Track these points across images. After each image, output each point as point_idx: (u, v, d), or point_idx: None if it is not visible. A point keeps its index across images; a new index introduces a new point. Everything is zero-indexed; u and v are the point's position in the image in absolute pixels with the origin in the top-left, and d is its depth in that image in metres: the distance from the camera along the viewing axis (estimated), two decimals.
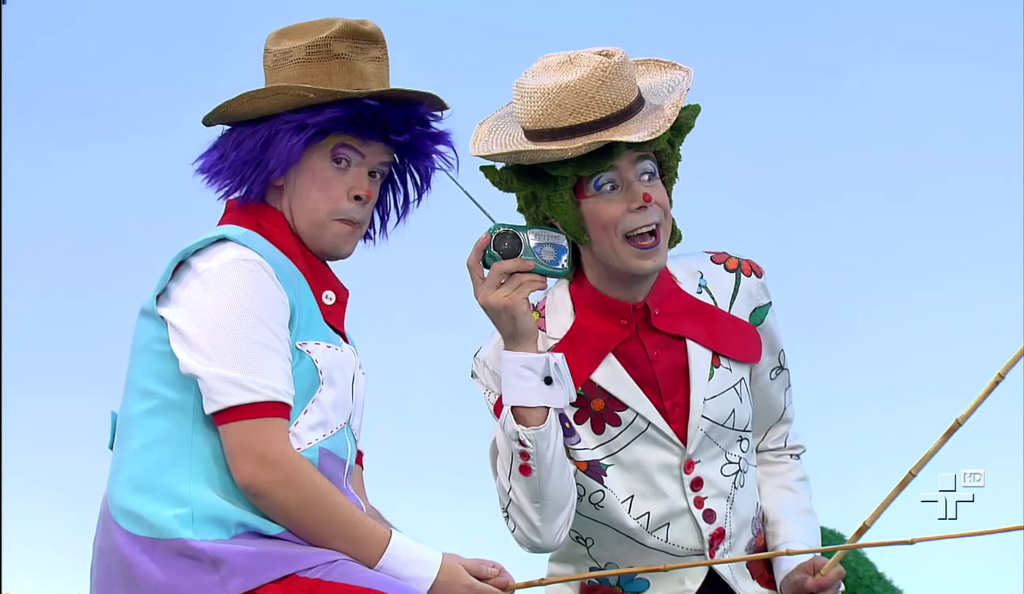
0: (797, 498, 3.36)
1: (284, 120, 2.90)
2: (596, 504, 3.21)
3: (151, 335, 2.84)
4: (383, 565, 2.79)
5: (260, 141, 2.91)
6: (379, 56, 2.98)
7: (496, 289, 3.01)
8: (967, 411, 3.07)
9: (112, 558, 2.80)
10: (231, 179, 2.94)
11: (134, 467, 2.80)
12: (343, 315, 2.99)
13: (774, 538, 3.30)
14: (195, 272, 2.82)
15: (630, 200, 3.10)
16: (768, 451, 3.40)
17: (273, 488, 2.75)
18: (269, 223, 2.93)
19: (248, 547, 2.73)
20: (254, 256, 2.84)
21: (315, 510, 2.76)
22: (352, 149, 2.94)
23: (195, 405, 2.80)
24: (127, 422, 2.84)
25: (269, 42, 3.00)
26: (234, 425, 2.76)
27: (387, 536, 2.81)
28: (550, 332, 3.21)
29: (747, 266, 3.31)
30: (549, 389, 3.04)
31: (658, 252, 3.12)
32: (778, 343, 3.32)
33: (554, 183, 3.10)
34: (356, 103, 2.91)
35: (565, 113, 3.05)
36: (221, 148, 2.96)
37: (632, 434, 3.19)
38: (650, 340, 3.20)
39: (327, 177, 2.93)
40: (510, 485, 3.10)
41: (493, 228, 3.03)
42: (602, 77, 3.06)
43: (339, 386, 2.89)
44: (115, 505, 2.81)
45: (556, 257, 3.04)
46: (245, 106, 2.93)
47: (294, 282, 2.88)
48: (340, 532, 2.78)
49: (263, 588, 2.72)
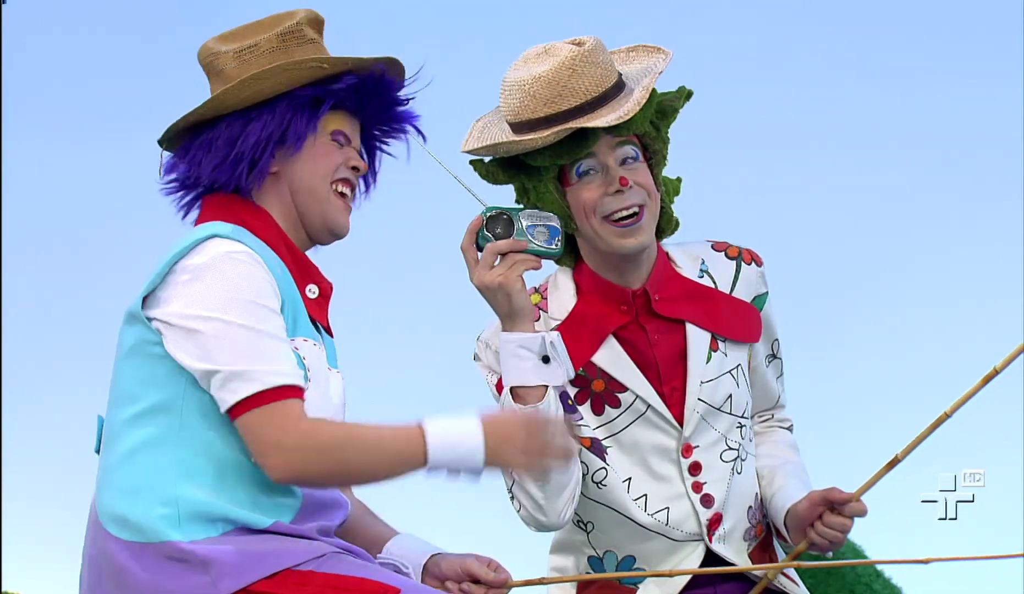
0: (789, 458, 3.38)
1: (295, 95, 2.91)
2: (599, 483, 3.22)
3: (137, 338, 2.80)
4: (433, 458, 2.72)
5: (270, 121, 2.91)
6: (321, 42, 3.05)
7: (490, 269, 3.02)
8: (957, 402, 3.09)
9: (103, 566, 2.77)
10: (233, 170, 2.91)
11: (121, 473, 2.77)
12: (327, 309, 2.97)
13: (770, 487, 3.32)
14: (185, 270, 2.79)
15: (608, 184, 3.14)
16: (758, 423, 3.43)
17: (306, 467, 2.71)
18: (252, 218, 2.91)
19: (237, 546, 2.71)
20: (244, 248, 2.81)
21: (351, 460, 2.71)
22: (345, 136, 2.97)
23: (182, 404, 2.77)
24: (113, 429, 2.81)
25: (213, 46, 2.99)
26: (247, 418, 2.72)
27: (420, 433, 2.74)
28: (552, 313, 3.25)
29: (747, 255, 3.34)
30: (547, 367, 3.05)
31: (640, 230, 3.15)
32: (773, 332, 3.35)
33: (538, 174, 3.16)
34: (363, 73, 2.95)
35: (540, 104, 3.10)
36: (203, 149, 2.94)
37: (631, 416, 3.21)
38: (651, 325, 3.23)
39: (327, 148, 2.95)
40: None
41: (486, 211, 3.05)
42: (572, 66, 3.10)
43: (320, 386, 2.88)
44: (104, 512, 2.78)
45: (549, 237, 3.06)
46: (246, 91, 2.91)
47: (281, 277, 2.87)
48: (379, 461, 2.73)
49: (256, 584, 2.69)
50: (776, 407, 3.43)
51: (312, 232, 2.96)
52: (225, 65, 2.97)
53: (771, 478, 3.34)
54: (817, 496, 3.21)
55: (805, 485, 3.30)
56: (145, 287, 2.81)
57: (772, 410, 3.43)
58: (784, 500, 3.28)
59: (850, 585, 8.73)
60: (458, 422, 2.76)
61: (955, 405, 3.09)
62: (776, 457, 3.38)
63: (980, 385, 3.07)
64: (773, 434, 3.43)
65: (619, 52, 3.28)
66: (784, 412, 3.45)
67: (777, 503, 3.29)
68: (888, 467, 3.14)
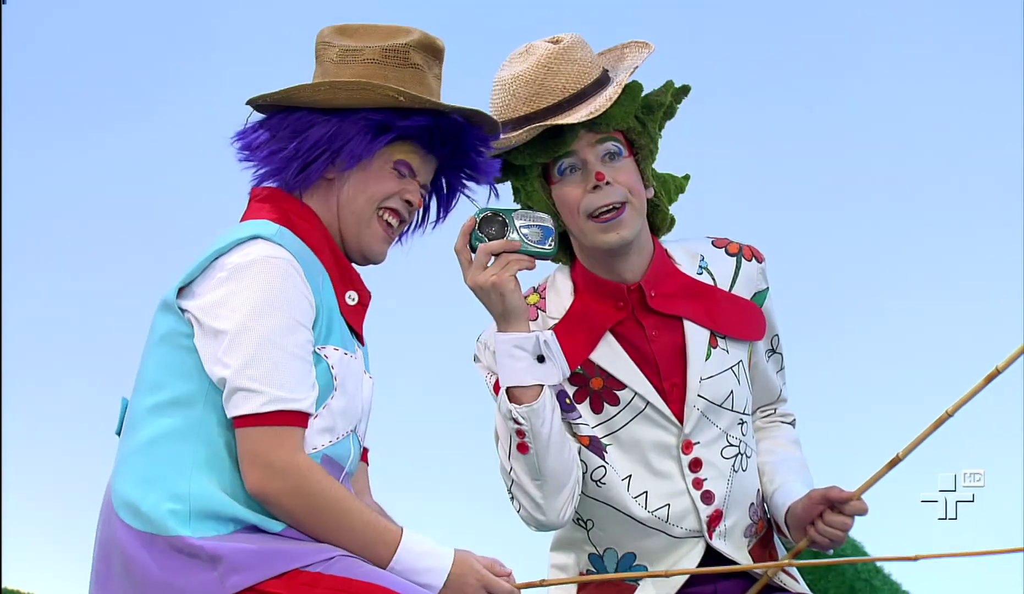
0: (791, 453, 3.38)
1: (365, 116, 2.91)
2: (598, 481, 3.22)
3: (169, 328, 2.82)
4: (396, 563, 2.79)
5: (333, 131, 2.91)
6: (439, 74, 3.02)
7: (483, 270, 3.03)
8: (959, 401, 3.09)
9: (113, 551, 2.78)
10: (285, 164, 2.92)
11: (139, 461, 2.79)
12: (363, 317, 2.98)
13: (771, 483, 3.33)
14: (223, 268, 2.80)
15: (586, 180, 3.14)
16: (760, 418, 3.43)
17: (280, 497, 2.74)
18: (300, 218, 2.92)
19: (247, 544, 2.72)
20: (284, 254, 2.82)
21: (324, 517, 2.76)
22: (410, 168, 2.96)
23: (205, 399, 2.79)
24: (135, 415, 2.83)
25: (329, 36, 2.99)
26: (247, 431, 2.75)
27: (398, 535, 2.81)
28: (550, 312, 3.26)
29: (748, 251, 3.34)
30: (542, 367, 3.07)
31: (620, 224, 3.16)
32: (774, 328, 3.36)
33: (524, 173, 3.18)
34: (440, 115, 2.94)
35: (520, 103, 3.14)
36: (272, 130, 2.94)
37: (630, 414, 3.22)
38: (648, 321, 3.23)
39: (384, 176, 2.95)
40: (511, 465, 3.14)
41: (479, 212, 3.07)
42: (548, 64, 3.13)
43: (350, 393, 2.89)
44: (118, 497, 2.79)
45: (543, 238, 3.07)
46: (322, 94, 2.91)
47: (320, 283, 2.87)
48: (351, 537, 2.78)
49: (264, 583, 2.71)
50: (778, 401, 3.44)
51: (347, 249, 2.97)
52: (328, 58, 2.97)
53: (772, 475, 3.34)
54: (818, 495, 3.21)
55: (806, 482, 3.30)
56: (183, 278, 2.83)
57: (774, 405, 3.44)
58: (785, 498, 3.27)
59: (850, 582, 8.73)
60: (435, 545, 2.82)
61: (957, 405, 3.09)
62: (777, 453, 3.38)
63: (982, 385, 3.07)
64: (775, 429, 3.43)
65: (615, 49, 3.29)
66: (786, 407, 3.46)
67: (778, 500, 3.29)
68: (889, 466, 3.14)
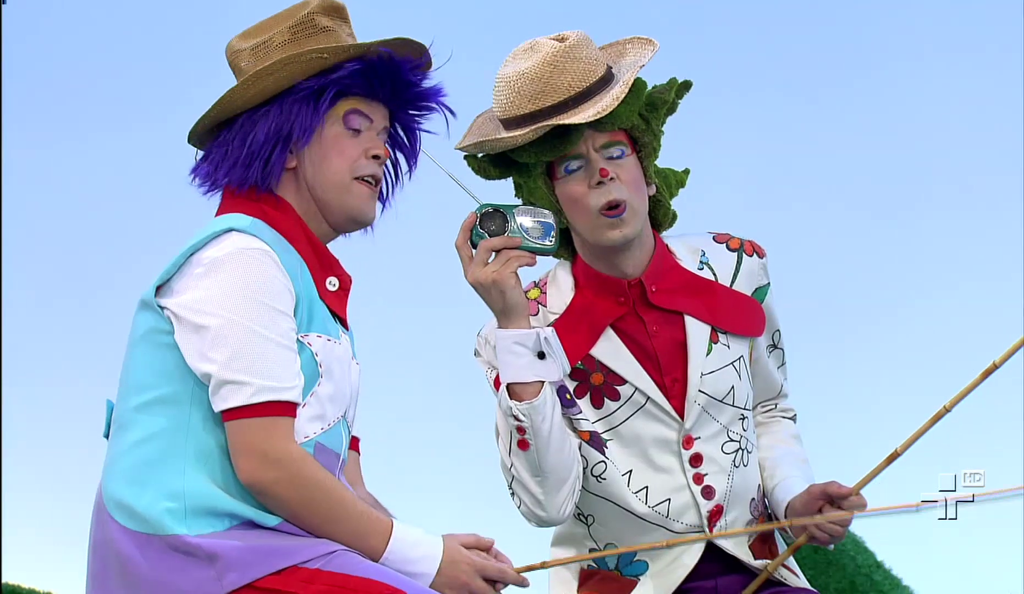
0: (791, 449, 3.38)
1: (299, 89, 2.89)
2: (598, 477, 3.22)
3: (149, 326, 2.81)
4: (388, 555, 2.79)
5: (277, 117, 2.89)
6: (352, 33, 2.99)
7: (484, 266, 3.03)
8: (956, 396, 3.10)
9: (109, 553, 2.78)
10: (247, 168, 2.90)
11: (129, 461, 2.78)
12: (346, 302, 2.97)
13: (772, 479, 3.33)
14: (200, 263, 2.80)
15: (590, 176, 3.14)
16: (761, 413, 3.43)
17: (275, 487, 2.74)
18: (273, 209, 2.91)
19: (243, 541, 2.72)
20: (260, 245, 2.81)
21: (318, 507, 2.76)
22: (361, 115, 2.94)
23: (192, 396, 2.78)
24: (123, 416, 2.82)
25: (236, 44, 2.98)
26: (237, 423, 2.74)
27: (389, 526, 2.80)
28: (551, 307, 3.25)
29: (749, 246, 3.34)
30: (542, 363, 3.07)
31: (623, 223, 3.15)
32: (775, 323, 3.36)
33: (527, 170, 3.17)
34: (369, 57, 2.91)
35: (525, 100, 3.12)
36: (222, 147, 2.93)
37: (631, 409, 3.22)
38: (649, 316, 3.23)
39: (343, 143, 2.93)
40: (511, 461, 3.14)
41: (479, 208, 3.06)
42: (553, 62, 3.11)
43: (336, 379, 2.88)
44: (110, 498, 2.79)
45: (543, 234, 3.07)
46: (251, 89, 2.90)
47: (298, 271, 2.86)
48: (344, 528, 2.77)
49: (262, 580, 2.70)
50: (779, 396, 3.44)
51: (335, 222, 2.96)
52: (243, 63, 2.96)
53: (772, 470, 3.34)
54: (817, 490, 3.22)
55: (806, 477, 3.30)
56: (160, 275, 2.82)
57: (775, 400, 3.44)
58: (784, 493, 3.28)
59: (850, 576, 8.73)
60: (425, 535, 2.82)
61: (955, 399, 3.10)
62: (777, 448, 3.38)
63: (980, 379, 3.08)
64: (776, 424, 3.43)
65: (616, 44, 3.28)
66: (787, 402, 3.45)
67: (778, 496, 3.30)
68: (888, 461, 3.15)
